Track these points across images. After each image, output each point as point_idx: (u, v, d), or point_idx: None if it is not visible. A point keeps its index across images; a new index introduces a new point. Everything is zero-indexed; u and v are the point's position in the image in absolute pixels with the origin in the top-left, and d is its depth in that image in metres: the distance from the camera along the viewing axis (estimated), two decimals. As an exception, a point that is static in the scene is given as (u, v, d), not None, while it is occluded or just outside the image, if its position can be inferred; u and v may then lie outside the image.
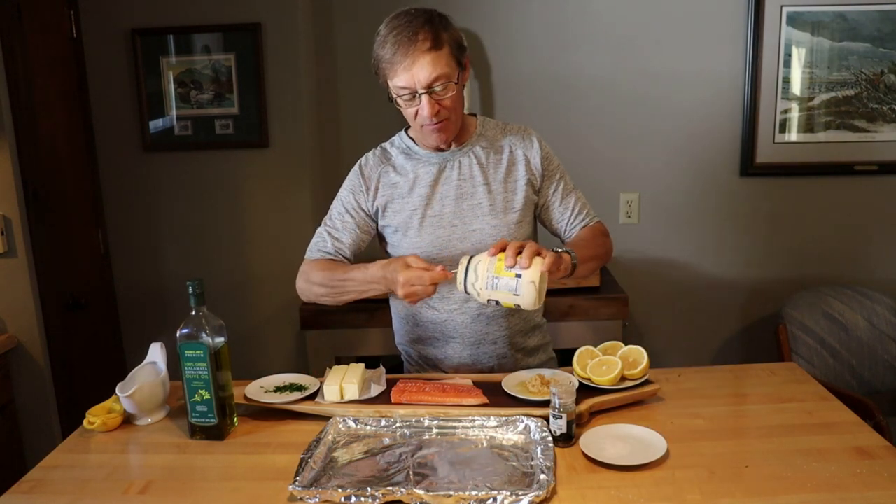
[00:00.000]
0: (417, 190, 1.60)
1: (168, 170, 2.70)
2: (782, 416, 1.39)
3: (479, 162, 1.61)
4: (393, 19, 1.46)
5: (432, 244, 1.59)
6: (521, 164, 1.62)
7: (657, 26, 2.73)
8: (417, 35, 1.42)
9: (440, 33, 1.44)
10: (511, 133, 1.65)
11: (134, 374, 1.48)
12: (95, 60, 2.62)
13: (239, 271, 2.76)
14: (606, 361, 1.45)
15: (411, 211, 1.60)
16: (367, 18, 2.73)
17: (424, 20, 1.44)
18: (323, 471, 1.22)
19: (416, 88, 1.44)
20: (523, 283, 1.33)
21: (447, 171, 1.60)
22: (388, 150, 1.67)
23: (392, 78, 1.46)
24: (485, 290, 1.36)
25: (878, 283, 2.78)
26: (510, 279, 1.34)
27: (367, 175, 1.64)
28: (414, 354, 1.73)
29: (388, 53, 1.44)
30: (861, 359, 2.50)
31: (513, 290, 1.34)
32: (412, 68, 1.42)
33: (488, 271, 1.35)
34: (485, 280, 1.35)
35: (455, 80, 1.47)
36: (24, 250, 2.15)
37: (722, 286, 2.91)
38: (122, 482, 1.24)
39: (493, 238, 1.58)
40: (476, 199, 1.60)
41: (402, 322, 1.72)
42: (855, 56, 2.68)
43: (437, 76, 1.43)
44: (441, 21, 1.47)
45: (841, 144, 2.76)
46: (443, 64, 1.44)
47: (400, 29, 1.43)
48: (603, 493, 1.14)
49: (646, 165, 2.83)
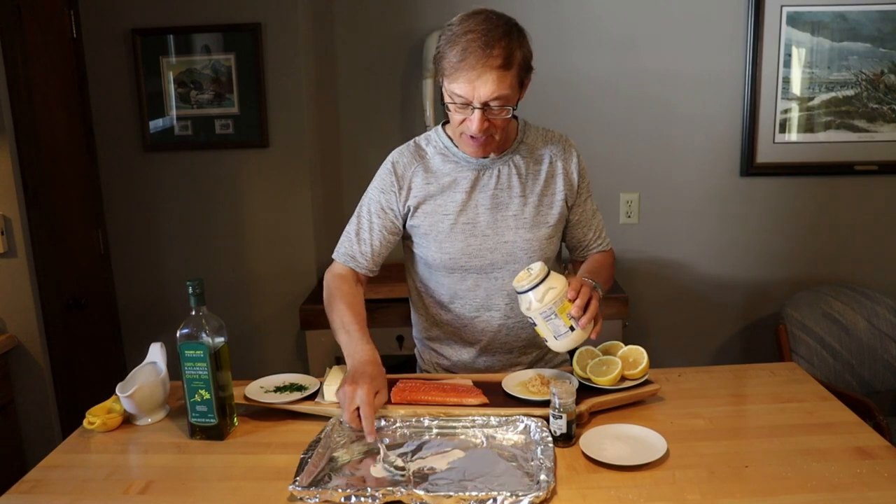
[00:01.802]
0: (452, 195, 1.55)
1: (168, 170, 2.70)
2: (782, 416, 1.39)
3: (519, 172, 1.57)
4: (470, 18, 1.38)
5: (462, 251, 1.56)
6: (560, 177, 1.59)
7: (657, 26, 2.73)
8: (493, 49, 1.34)
9: (514, 52, 1.38)
10: (552, 143, 1.61)
11: (134, 374, 1.48)
12: (95, 60, 2.62)
13: (239, 271, 2.76)
14: (606, 361, 1.45)
15: (443, 215, 1.56)
16: (368, 18, 2.74)
17: (503, 33, 1.36)
18: (323, 471, 1.22)
19: (473, 101, 1.38)
20: (570, 337, 1.37)
21: (485, 179, 1.55)
22: (424, 148, 1.60)
23: (451, 82, 1.39)
24: (536, 314, 1.37)
25: (878, 283, 2.78)
26: (564, 325, 1.36)
27: (401, 174, 1.58)
28: (427, 352, 1.72)
29: (456, 57, 1.36)
30: (861, 359, 2.50)
31: (559, 334, 1.37)
32: (475, 81, 1.36)
33: (553, 304, 1.35)
34: (544, 308, 1.35)
35: (513, 104, 1.42)
36: (24, 250, 2.15)
37: (722, 286, 2.91)
38: (122, 482, 1.24)
39: (524, 251, 1.56)
40: (511, 211, 1.56)
41: (421, 318, 1.70)
42: (855, 56, 2.68)
43: (499, 96, 1.38)
44: (519, 38, 1.40)
45: (841, 144, 2.76)
46: (507, 84, 1.38)
47: (476, 35, 1.35)
48: (603, 493, 1.14)
49: (646, 165, 2.83)
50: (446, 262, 1.57)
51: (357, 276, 1.62)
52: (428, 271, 1.63)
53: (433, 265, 1.60)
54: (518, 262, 1.56)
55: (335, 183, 2.84)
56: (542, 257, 1.58)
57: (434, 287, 1.63)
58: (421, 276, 1.65)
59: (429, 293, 1.65)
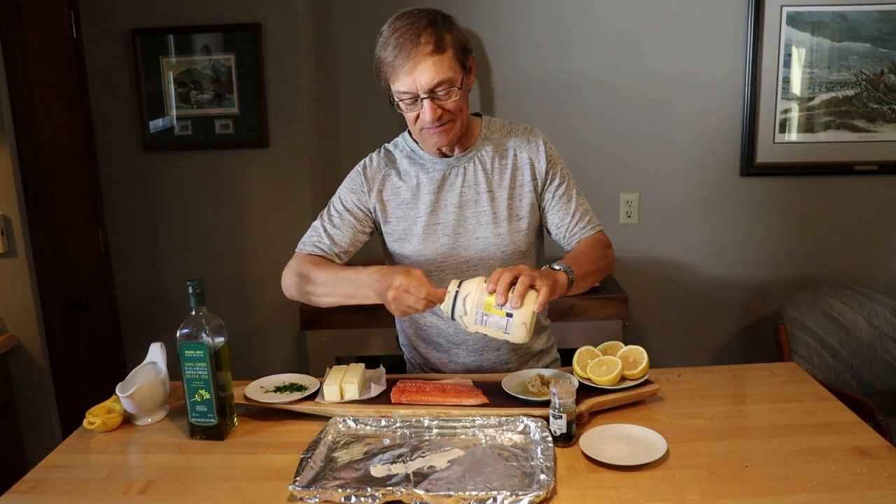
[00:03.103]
0: (421, 197, 1.57)
1: (168, 170, 2.70)
2: (782, 416, 1.39)
3: (484, 168, 1.57)
4: (395, 20, 1.42)
5: (436, 252, 1.57)
6: (525, 168, 1.58)
7: (657, 26, 2.73)
8: (420, 38, 1.37)
9: (444, 35, 1.40)
10: (516, 135, 1.60)
11: (134, 374, 1.48)
12: (95, 60, 2.62)
13: (239, 271, 2.76)
14: (606, 361, 1.45)
15: (415, 218, 1.57)
16: (367, 18, 2.74)
17: (428, 21, 1.39)
18: (323, 471, 1.22)
19: (418, 93, 1.40)
20: (514, 323, 1.26)
21: (451, 178, 1.57)
22: (392, 153, 1.62)
23: (394, 81, 1.42)
24: (473, 325, 1.29)
25: (878, 283, 2.78)
26: (500, 318, 1.27)
27: (370, 177, 1.60)
28: (416, 357, 1.72)
29: (390, 56, 1.39)
30: (861, 359, 2.50)
31: (503, 328, 1.28)
32: (413, 72, 1.38)
33: (478, 307, 1.28)
34: (473, 315, 1.28)
35: (458, 85, 1.42)
36: (24, 250, 2.15)
37: (722, 286, 2.91)
38: (122, 482, 1.24)
39: (496, 246, 1.56)
40: (480, 207, 1.56)
41: (406, 325, 1.70)
42: (855, 56, 2.68)
43: (440, 81, 1.39)
44: (445, 22, 1.42)
45: (841, 144, 2.76)
46: (446, 68, 1.39)
47: (402, 31, 1.39)
48: (603, 493, 1.14)
49: (646, 165, 2.83)
50: (423, 265, 1.56)
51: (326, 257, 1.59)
52: None
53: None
54: (491, 257, 1.56)
55: (335, 183, 2.80)
56: (516, 250, 1.57)
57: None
58: None
59: None
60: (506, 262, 1.56)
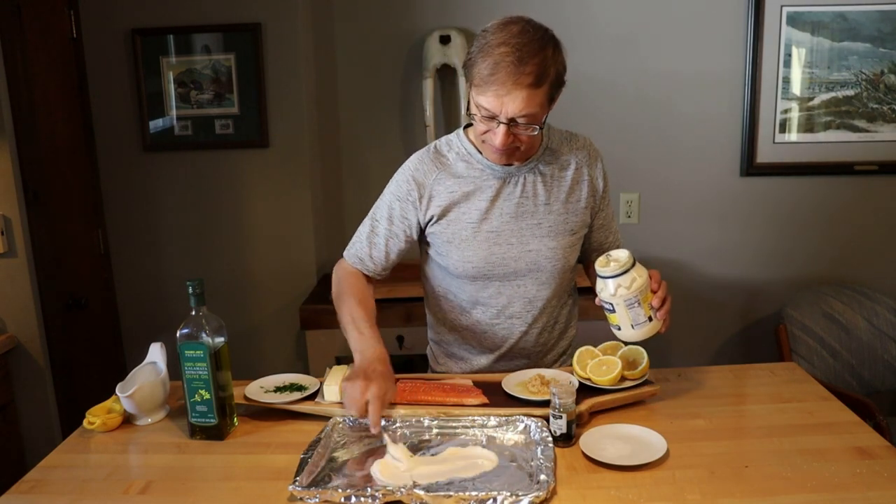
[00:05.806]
0: (475, 202, 1.51)
1: (168, 170, 2.70)
2: (782, 416, 1.39)
3: (544, 180, 1.53)
4: (506, 29, 1.34)
5: (485, 259, 1.52)
6: (584, 184, 1.55)
7: (657, 26, 2.73)
8: (524, 66, 1.30)
9: (548, 69, 1.33)
10: (578, 148, 1.57)
11: (134, 374, 1.48)
12: (95, 60, 2.62)
13: (239, 271, 2.76)
14: (606, 361, 1.45)
15: (466, 223, 1.51)
16: (368, 18, 2.74)
17: (538, 48, 1.32)
18: (323, 471, 1.22)
19: (500, 116, 1.35)
20: (648, 327, 1.39)
21: (510, 188, 1.51)
22: (445, 154, 1.54)
23: (479, 94, 1.35)
24: (620, 300, 1.37)
25: (878, 283, 2.78)
26: (644, 314, 1.37)
27: (421, 182, 1.52)
28: (441, 355, 1.70)
29: (486, 70, 1.32)
30: (861, 359, 2.50)
31: (637, 322, 1.38)
32: (504, 97, 1.32)
33: (639, 292, 1.36)
34: (630, 296, 1.36)
35: (539, 123, 1.38)
36: (24, 250, 2.15)
37: (722, 286, 2.91)
38: (122, 482, 1.24)
39: (548, 259, 1.53)
40: (536, 220, 1.52)
41: (437, 322, 1.67)
42: (855, 56, 2.68)
43: (526, 114, 1.34)
44: (554, 53, 1.35)
45: (841, 144, 2.76)
46: (536, 103, 1.34)
47: (510, 49, 1.30)
48: (603, 493, 1.14)
49: (646, 165, 2.83)
50: (468, 271, 1.53)
51: (367, 275, 1.61)
52: (448, 277, 1.59)
53: (454, 273, 1.56)
54: (541, 269, 1.54)
55: (335, 183, 2.84)
56: (566, 265, 1.57)
57: (455, 292, 1.60)
58: (440, 281, 1.62)
59: (448, 298, 1.61)
60: (554, 276, 1.56)
